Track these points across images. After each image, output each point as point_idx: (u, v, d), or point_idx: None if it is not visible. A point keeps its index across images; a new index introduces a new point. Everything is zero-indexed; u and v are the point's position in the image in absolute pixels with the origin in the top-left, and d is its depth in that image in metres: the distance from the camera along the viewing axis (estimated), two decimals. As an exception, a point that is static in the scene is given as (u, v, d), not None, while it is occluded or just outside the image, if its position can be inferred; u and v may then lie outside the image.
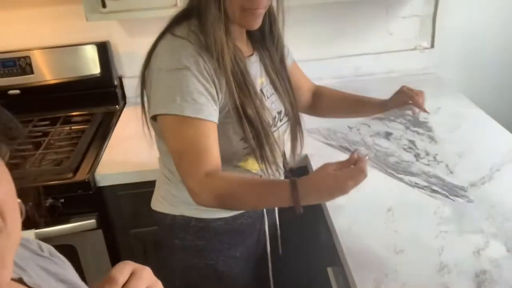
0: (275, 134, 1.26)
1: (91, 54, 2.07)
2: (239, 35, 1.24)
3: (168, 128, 1.12)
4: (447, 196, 1.16)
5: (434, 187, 1.17)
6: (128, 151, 1.80)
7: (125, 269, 0.57)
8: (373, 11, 2.18)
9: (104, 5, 1.71)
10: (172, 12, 1.60)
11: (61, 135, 1.97)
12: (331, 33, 2.21)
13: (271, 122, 1.25)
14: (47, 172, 1.68)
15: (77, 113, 2.10)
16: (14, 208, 0.52)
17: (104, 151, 1.82)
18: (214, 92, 1.13)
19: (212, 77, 1.12)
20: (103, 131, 1.98)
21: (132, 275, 0.57)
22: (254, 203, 1.13)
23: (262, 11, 1.17)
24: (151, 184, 1.66)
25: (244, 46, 1.26)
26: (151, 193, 1.43)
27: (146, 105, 1.21)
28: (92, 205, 1.69)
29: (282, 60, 1.34)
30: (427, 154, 1.28)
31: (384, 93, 2.08)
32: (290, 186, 1.01)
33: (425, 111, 1.40)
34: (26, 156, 1.75)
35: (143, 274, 0.59)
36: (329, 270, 1.35)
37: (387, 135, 1.34)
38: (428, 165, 1.24)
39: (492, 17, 2.22)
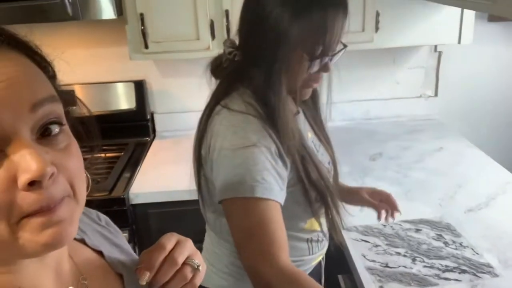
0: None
1: (129, 91, 2.31)
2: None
3: (234, 209, 1.02)
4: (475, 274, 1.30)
5: (463, 267, 1.33)
6: (158, 176, 1.99)
7: (172, 238, 0.66)
8: (382, 61, 2.42)
9: (146, 47, 1.96)
10: (204, 55, 1.87)
11: (98, 160, 2.16)
12: (344, 80, 2.43)
13: (327, 174, 1.19)
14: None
15: (113, 142, 2.32)
16: (82, 180, 0.53)
17: (136, 175, 2.01)
18: (282, 171, 1.05)
19: (281, 153, 1.05)
20: (135, 158, 2.18)
21: (177, 243, 0.65)
22: None
23: None
24: (178, 204, 1.86)
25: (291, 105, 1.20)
26: (177, 212, 1.56)
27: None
28: (126, 220, 1.86)
29: (317, 110, 1.29)
30: (454, 242, 1.45)
31: (391, 135, 2.30)
32: None
33: (391, 217, 1.39)
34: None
35: (186, 244, 0.66)
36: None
37: (417, 231, 1.52)
38: (456, 249, 1.41)
39: (490, 68, 2.44)
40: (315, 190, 1.11)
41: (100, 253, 0.68)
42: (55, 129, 0.49)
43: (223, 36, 1.94)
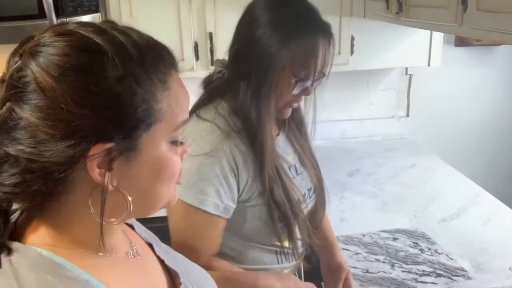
0: (305, 211, 1.23)
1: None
2: None
3: (173, 208, 1.06)
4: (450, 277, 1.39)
5: (439, 271, 1.41)
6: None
7: None
8: (357, 83, 2.53)
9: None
10: (189, 75, 1.94)
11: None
12: (321, 101, 2.54)
13: (301, 199, 1.21)
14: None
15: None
16: None
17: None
18: (233, 185, 1.09)
19: (237, 166, 1.08)
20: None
21: None
22: None
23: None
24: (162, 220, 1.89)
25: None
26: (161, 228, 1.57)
27: None
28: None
29: (305, 137, 1.31)
30: (429, 248, 1.54)
31: (367, 153, 2.40)
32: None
33: None
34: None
35: None
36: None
37: (395, 239, 1.60)
38: (431, 255, 1.50)
39: (457, 89, 2.59)
40: (278, 211, 1.13)
41: (131, 226, 0.78)
42: None
43: (207, 57, 2.02)
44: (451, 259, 1.47)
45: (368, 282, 1.37)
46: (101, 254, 0.62)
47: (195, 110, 1.14)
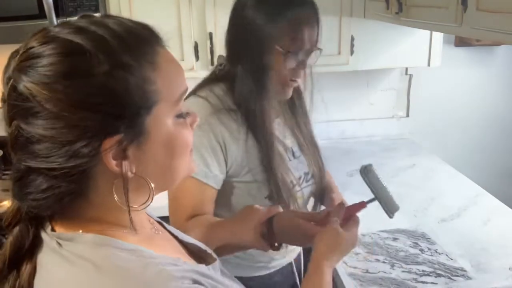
0: (299, 194, 1.27)
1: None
2: None
3: None
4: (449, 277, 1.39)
5: (439, 271, 1.41)
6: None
7: None
8: (357, 83, 2.54)
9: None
10: (189, 75, 1.94)
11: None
12: (321, 101, 2.54)
13: (294, 182, 1.25)
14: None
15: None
16: None
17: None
18: (221, 157, 1.16)
19: (224, 141, 1.16)
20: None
21: None
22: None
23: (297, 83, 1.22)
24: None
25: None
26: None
27: None
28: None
29: (307, 125, 1.35)
30: (429, 249, 1.54)
31: (366, 153, 2.40)
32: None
33: None
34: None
35: None
36: None
37: (394, 239, 1.60)
38: (431, 255, 1.50)
39: (457, 89, 2.59)
40: (269, 190, 1.19)
41: None
42: None
43: (207, 57, 2.03)
44: (451, 259, 1.47)
45: (368, 282, 1.37)
46: (135, 232, 0.66)
47: (196, 90, 1.22)
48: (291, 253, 1.41)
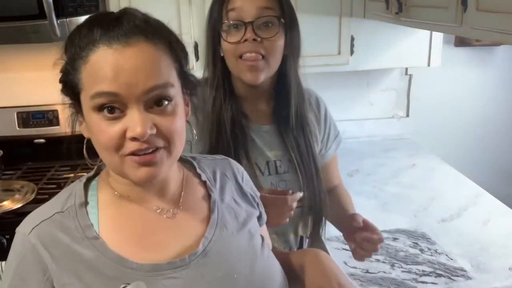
0: None
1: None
2: (252, 100, 1.26)
3: None
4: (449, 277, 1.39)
5: (439, 271, 1.41)
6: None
7: None
8: (357, 83, 2.54)
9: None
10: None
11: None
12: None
13: None
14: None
15: (95, 162, 2.34)
16: (179, 140, 0.75)
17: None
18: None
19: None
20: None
21: None
22: None
23: (256, 64, 1.16)
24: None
25: (259, 114, 1.26)
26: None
27: None
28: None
29: (308, 145, 1.27)
30: (429, 249, 1.54)
31: (366, 153, 2.40)
32: None
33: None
34: (50, 194, 1.96)
35: None
36: None
37: (394, 239, 1.60)
38: (431, 255, 1.50)
39: (457, 89, 2.58)
40: None
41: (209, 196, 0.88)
42: (164, 102, 0.72)
43: (207, 57, 2.02)
44: (451, 259, 1.47)
45: (368, 282, 1.37)
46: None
47: None
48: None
